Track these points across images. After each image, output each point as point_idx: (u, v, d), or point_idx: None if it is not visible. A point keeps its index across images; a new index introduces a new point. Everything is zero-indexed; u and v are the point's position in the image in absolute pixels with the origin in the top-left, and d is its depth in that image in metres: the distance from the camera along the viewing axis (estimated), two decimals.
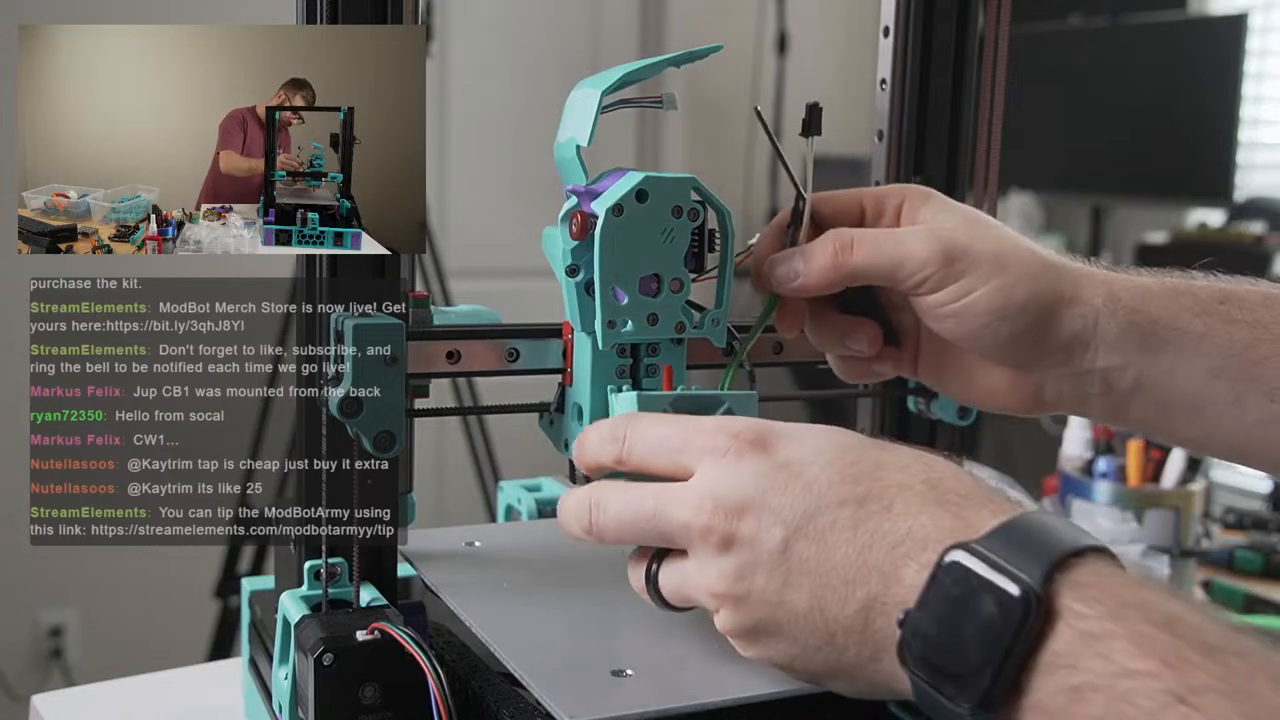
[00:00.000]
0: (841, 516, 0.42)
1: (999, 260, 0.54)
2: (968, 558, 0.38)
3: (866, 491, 0.42)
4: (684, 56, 0.56)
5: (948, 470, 0.44)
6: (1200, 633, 0.35)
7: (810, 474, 0.43)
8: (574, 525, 0.49)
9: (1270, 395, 0.53)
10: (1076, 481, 1.04)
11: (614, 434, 0.49)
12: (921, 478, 0.43)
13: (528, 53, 2.73)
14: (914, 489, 0.42)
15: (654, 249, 0.54)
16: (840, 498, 0.42)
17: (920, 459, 0.44)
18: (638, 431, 0.48)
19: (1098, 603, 0.36)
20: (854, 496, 0.42)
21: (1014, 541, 0.38)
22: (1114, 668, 0.35)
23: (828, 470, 0.43)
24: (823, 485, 0.43)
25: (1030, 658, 0.37)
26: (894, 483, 0.43)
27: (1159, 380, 0.54)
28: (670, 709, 0.46)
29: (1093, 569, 0.38)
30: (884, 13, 0.71)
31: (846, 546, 0.42)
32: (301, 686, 0.52)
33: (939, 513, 0.41)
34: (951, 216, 0.56)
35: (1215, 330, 0.53)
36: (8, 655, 2.26)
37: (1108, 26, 2.70)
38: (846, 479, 0.43)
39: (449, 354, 0.58)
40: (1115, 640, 0.35)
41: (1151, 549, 0.96)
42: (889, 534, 0.41)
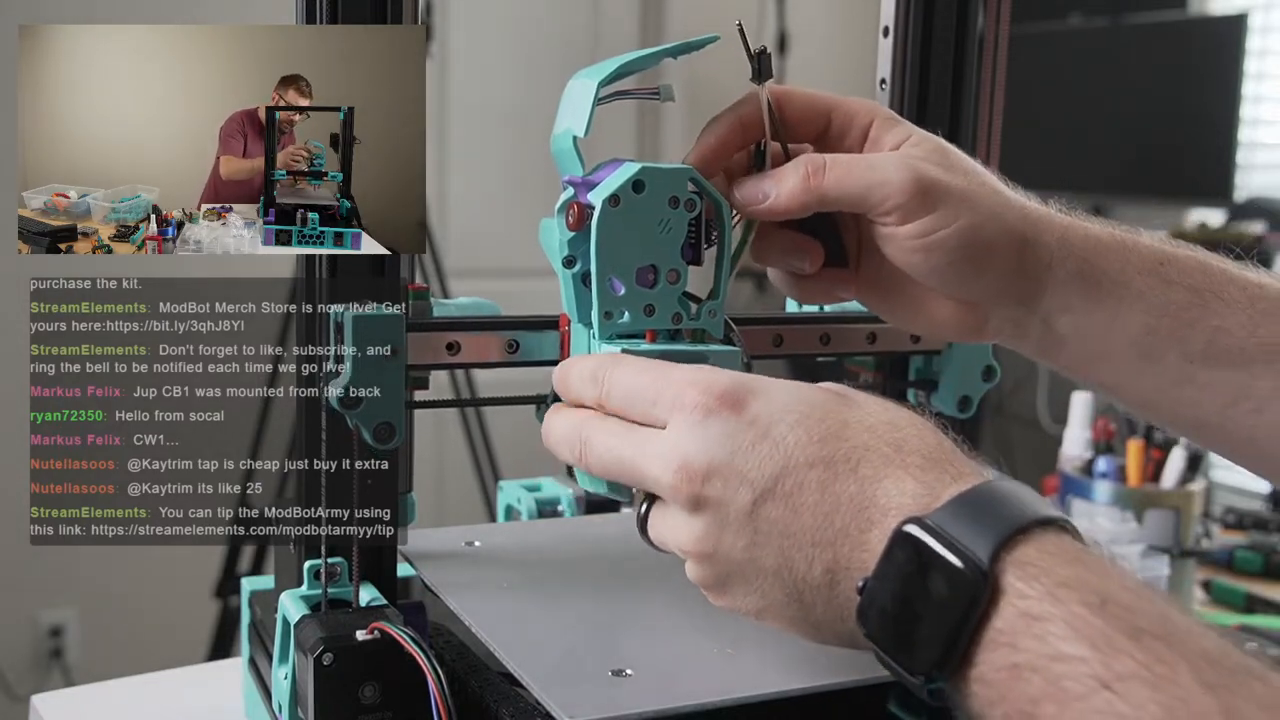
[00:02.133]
0: (809, 478, 0.43)
1: (969, 197, 0.54)
2: (921, 532, 0.39)
3: (833, 452, 0.43)
4: (681, 47, 0.56)
5: (913, 429, 0.44)
6: (1132, 615, 0.36)
7: (778, 433, 0.43)
8: (564, 453, 0.50)
9: (1189, 357, 0.55)
10: (1076, 481, 1.04)
11: (595, 375, 0.49)
12: (887, 439, 0.43)
13: (528, 53, 2.73)
14: (880, 451, 0.43)
15: (651, 240, 0.54)
16: (808, 459, 0.43)
17: (887, 414, 0.45)
18: (616, 376, 0.48)
19: (1038, 582, 0.37)
20: (821, 457, 0.43)
21: (966, 515, 0.39)
22: (1049, 650, 0.36)
23: (795, 430, 0.43)
24: (790, 445, 0.43)
25: (977, 632, 0.38)
26: (860, 443, 0.43)
27: (1094, 329, 0.56)
28: (670, 709, 0.46)
29: (1038, 546, 0.38)
30: (884, 12, 0.71)
31: (814, 509, 0.42)
32: (301, 686, 0.52)
33: (903, 477, 0.42)
34: (923, 145, 0.55)
35: (1153, 289, 0.55)
36: (8, 655, 2.26)
37: (1108, 26, 2.70)
38: (814, 438, 0.43)
39: (449, 345, 0.58)
40: (1051, 623, 0.36)
41: (1151, 549, 0.96)
42: (855, 497, 0.42)
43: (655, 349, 0.53)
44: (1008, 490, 0.40)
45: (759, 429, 0.44)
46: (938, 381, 0.68)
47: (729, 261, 0.57)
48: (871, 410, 0.45)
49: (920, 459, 0.42)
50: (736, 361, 0.55)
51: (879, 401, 0.46)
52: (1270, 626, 0.94)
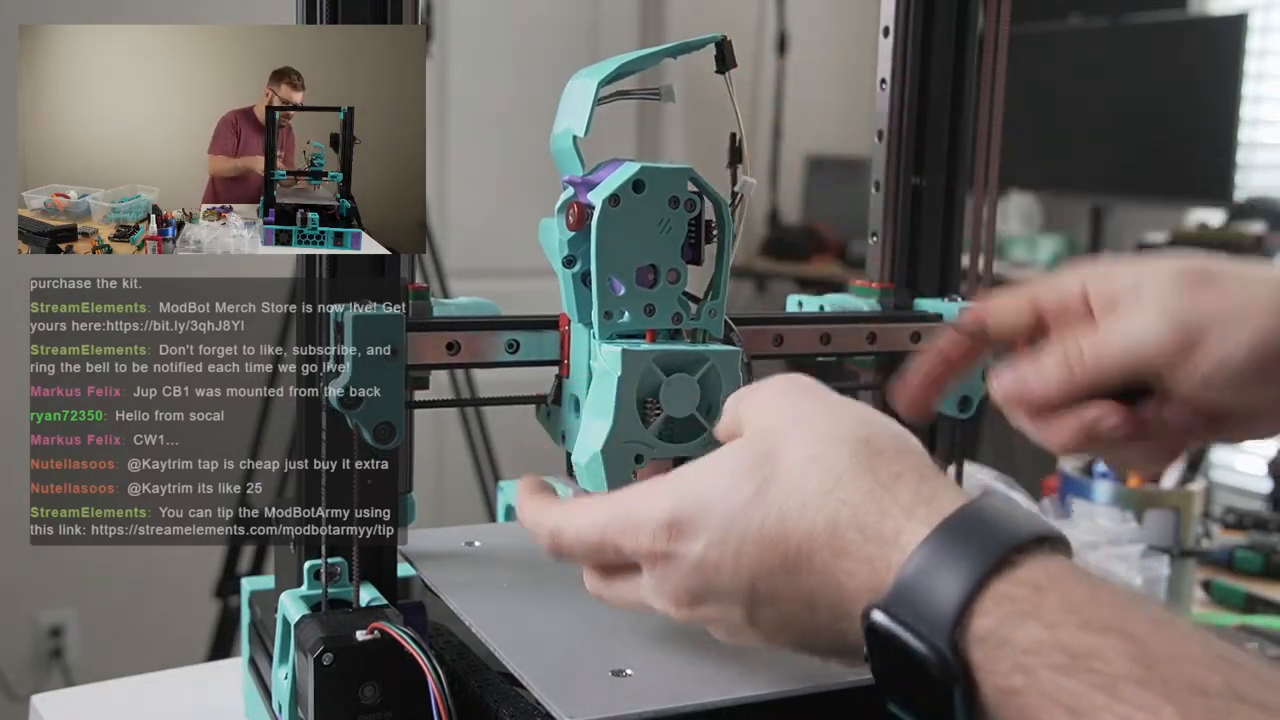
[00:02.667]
0: (779, 583, 0.43)
1: (1242, 314, 0.50)
2: (885, 619, 0.39)
3: (784, 556, 0.43)
4: (680, 47, 0.56)
5: (843, 485, 0.42)
6: (1104, 662, 0.35)
7: (729, 554, 0.43)
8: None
9: None
10: (1076, 481, 1.04)
11: (556, 547, 0.49)
12: (824, 522, 0.42)
13: (528, 53, 2.73)
14: (819, 540, 0.42)
15: (651, 239, 0.54)
16: (769, 568, 0.43)
17: (814, 476, 0.43)
18: (569, 546, 0.48)
19: (1003, 658, 0.37)
20: (780, 565, 0.43)
21: (915, 598, 0.39)
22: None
23: (745, 545, 0.43)
24: (749, 561, 0.43)
25: (971, 701, 0.38)
26: (804, 534, 0.42)
27: None
28: (670, 709, 0.46)
29: (995, 612, 0.37)
30: (884, 13, 0.71)
31: (796, 605, 0.43)
32: (301, 686, 0.52)
33: (852, 566, 0.41)
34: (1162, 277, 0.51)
35: None
36: (8, 655, 2.26)
37: (1108, 26, 2.70)
38: (764, 546, 0.43)
39: (449, 345, 0.58)
40: (1027, 695, 0.36)
41: (1151, 549, 0.96)
42: (822, 594, 0.42)
43: (655, 349, 0.53)
44: (949, 544, 0.39)
45: (714, 555, 0.44)
46: None
47: (729, 262, 0.57)
48: (802, 487, 0.43)
49: (859, 535, 0.41)
50: (736, 361, 0.55)
51: (802, 450, 0.44)
52: (1270, 626, 0.94)
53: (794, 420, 0.45)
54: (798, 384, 0.48)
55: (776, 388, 0.47)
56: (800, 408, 0.46)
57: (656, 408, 0.53)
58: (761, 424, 0.46)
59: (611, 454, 0.52)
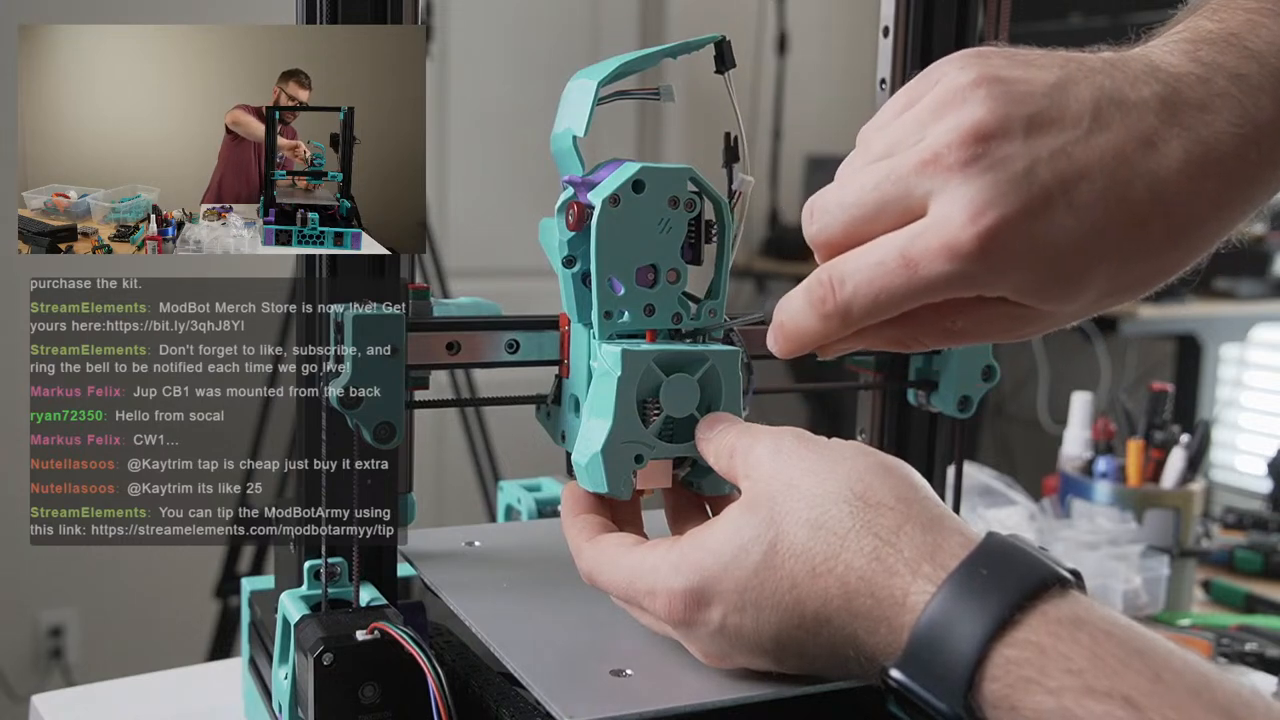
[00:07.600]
0: (803, 638, 0.45)
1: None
2: (903, 677, 0.41)
3: (800, 619, 0.45)
4: (680, 47, 0.56)
5: (847, 548, 0.44)
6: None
7: (748, 621, 0.46)
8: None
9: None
10: (1076, 481, 1.04)
11: (587, 579, 0.52)
12: (837, 588, 0.44)
13: (528, 53, 2.73)
14: (834, 604, 0.44)
15: (650, 240, 0.54)
16: (789, 629, 0.45)
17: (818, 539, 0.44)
18: (599, 584, 0.51)
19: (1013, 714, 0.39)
20: (799, 626, 0.45)
21: (928, 660, 0.40)
22: None
23: (762, 613, 0.45)
24: (770, 625, 0.45)
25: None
26: (819, 605, 0.44)
27: None
28: (670, 709, 0.46)
29: (1002, 677, 0.39)
30: (884, 13, 0.71)
31: (823, 653, 0.45)
32: (301, 686, 0.52)
33: (870, 625, 0.43)
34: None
35: None
36: (8, 655, 2.26)
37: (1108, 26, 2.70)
38: (781, 612, 0.45)
39: (449, 345, 0.58)
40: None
41: (1151, 549, 0.97)
42: (846, 646, 0.44)
43: (655, 349, 0.53)
44: (954, 604, 0.40)
45: (734, 622, 0.46)
46: (937, 382, 0.68)
47: (729, 262, 0.57)
48: (801, 543, 0.44)
49: (868, 598, 0.43)
50: (736, 361, 0.55)
51: (804, 514, 0.45)
52: (1270, 626, 0.94)
53: (790, 483, 0.46)
54: (788, 439, 0.48)
55: (768, 447, 0.48)
56: (795, 466, 0.47)
57: (656, 408, 0.53)
58: (760, 488, 0.47)
59: (611, 454, 0.52)
